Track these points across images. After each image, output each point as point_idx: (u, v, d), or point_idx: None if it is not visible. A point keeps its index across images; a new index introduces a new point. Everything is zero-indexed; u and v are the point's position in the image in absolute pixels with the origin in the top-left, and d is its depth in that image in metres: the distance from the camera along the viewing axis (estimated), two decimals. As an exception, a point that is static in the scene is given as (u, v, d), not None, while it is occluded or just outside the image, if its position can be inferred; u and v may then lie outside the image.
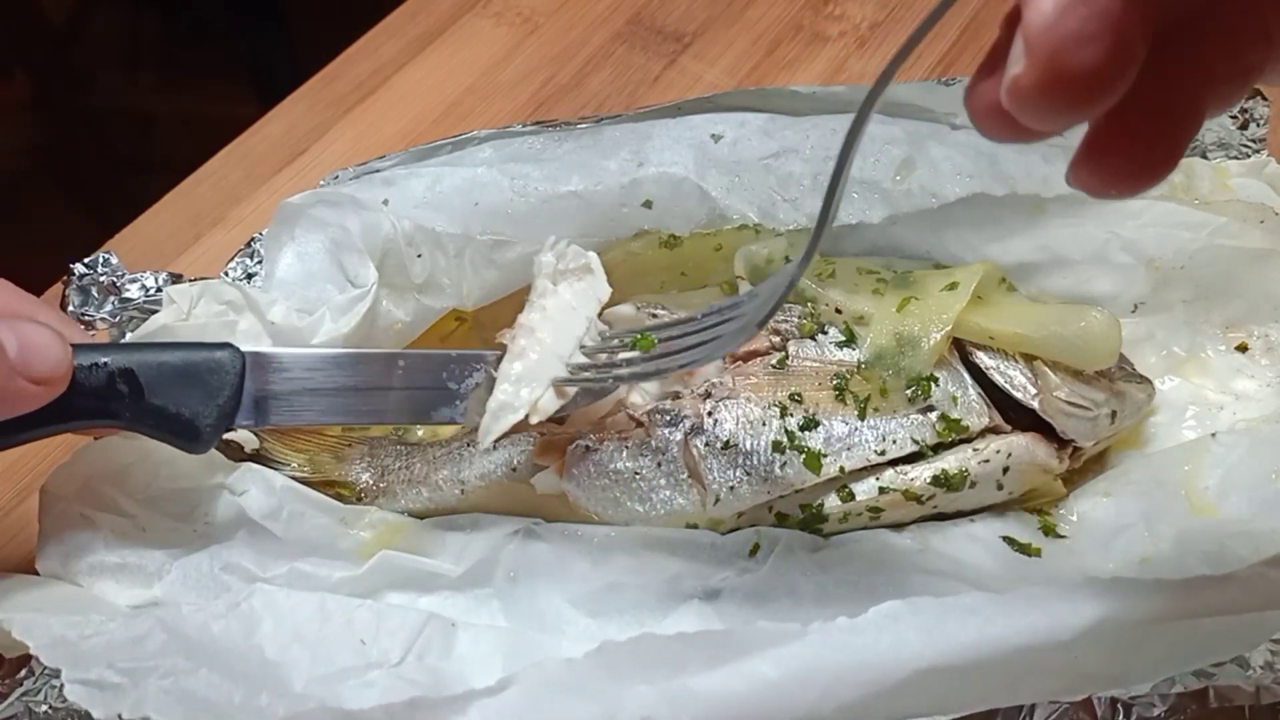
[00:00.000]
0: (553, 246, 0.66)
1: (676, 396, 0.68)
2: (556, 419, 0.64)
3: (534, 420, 0.61)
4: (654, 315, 0.70)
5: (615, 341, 0.64)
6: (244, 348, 0.61)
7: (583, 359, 0.63)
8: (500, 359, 0.63)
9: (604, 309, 0.71)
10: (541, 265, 0.66)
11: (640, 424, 0.67)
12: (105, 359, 0.58)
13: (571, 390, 0.62)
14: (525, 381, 0.62)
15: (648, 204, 0.71)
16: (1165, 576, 0.54)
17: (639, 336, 0.63)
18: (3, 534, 0.71)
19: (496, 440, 0.62)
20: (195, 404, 0.59)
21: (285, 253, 0.71)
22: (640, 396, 0.69)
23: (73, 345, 0.57)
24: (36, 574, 0.63)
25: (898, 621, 0.51)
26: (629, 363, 0.62)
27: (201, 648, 0.57)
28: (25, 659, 0.60)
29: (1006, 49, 0.36)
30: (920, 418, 0.65)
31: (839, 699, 0.50)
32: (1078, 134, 0.81)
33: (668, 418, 0.66)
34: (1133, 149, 0.40)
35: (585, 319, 0.64)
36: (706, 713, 0.50)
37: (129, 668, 0.56)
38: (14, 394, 0.54)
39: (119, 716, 0.56)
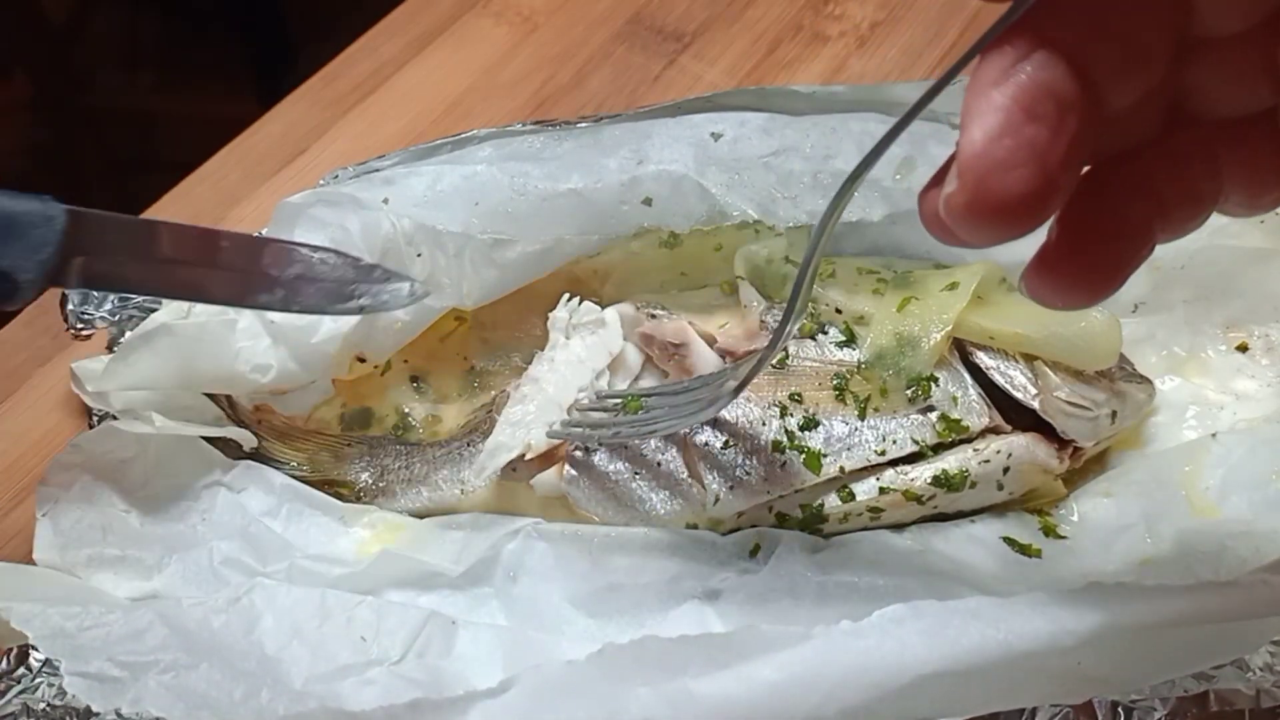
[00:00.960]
0: (566, 303, 0.71)
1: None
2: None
3: (528, 457, 0.66)
4: (653, 315, 0.70)
5: (608, 402, 0.67)
6: (63, 206, 0.58)
7: (576, 415, 0.67)
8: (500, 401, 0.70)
9: (604, 307, 0.72)
10: (555, 320, 0.71)
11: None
12: None
13: (566, 437, 0.66)
14: (522, 425, 0.67)
15: (648, 201, 0.71)
16: (1166, 579, 0.54)
17: (629, 399, 0.66)
18: (3, 533, 0.71)
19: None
20: (14, 257, 0.55)
21: (285, 252, 0.71)
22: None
23: None
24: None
25: (900, 625, 0.51)
26: (616, 423, 0.65)
27: (202, 642, 0.57)
28: (23, 656, 0.59)
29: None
30: (920, 418, 0.65)
31: (841, 703, 0.49)
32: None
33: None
34: (1078, 267, 0.42)
35: (591, 370, 0.68)
36: (707, 715, 0.50)
37: (129, 661, 0.56)
38: None
39: (118, 712, 0.56)
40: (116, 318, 0.76)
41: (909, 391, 0.65)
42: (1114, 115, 0.39)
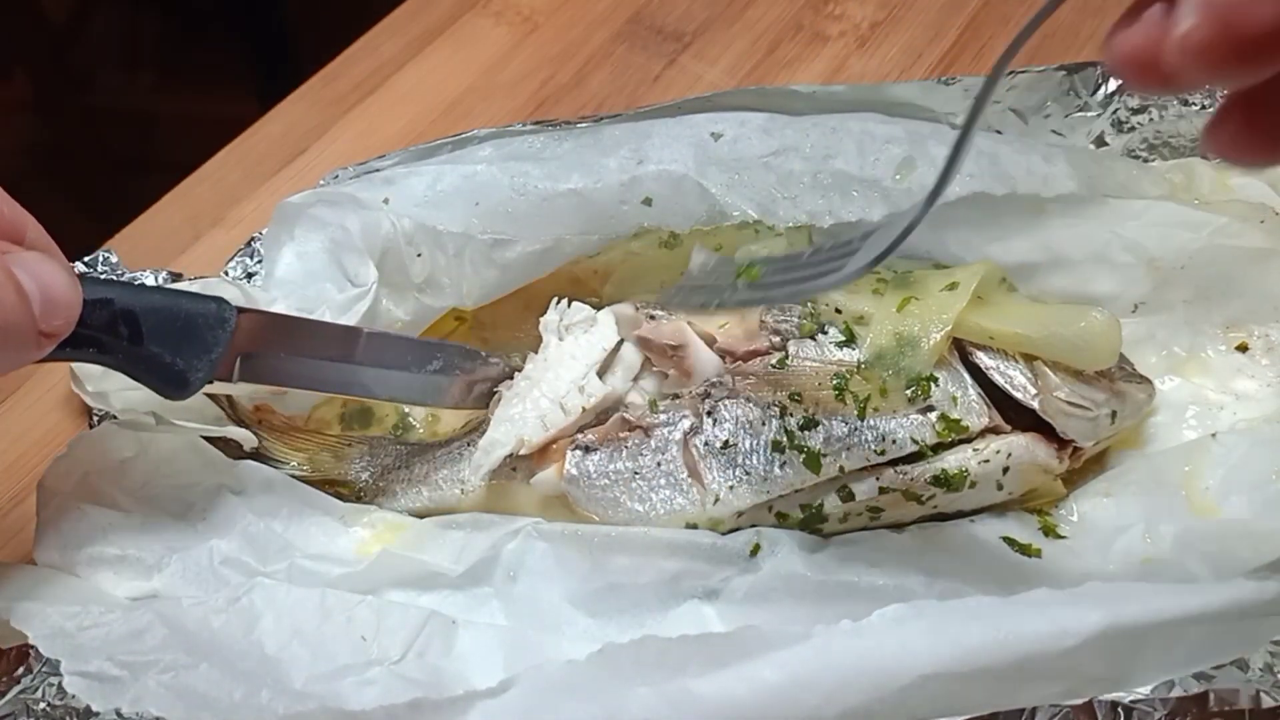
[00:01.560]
0: (556, 306, 0.71)
1: (675, 397, 0.68)
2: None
3: (523, 452, 0.67)
4: (651, 316, 0.70)
5: (719, 271, 0.64)
6: (235, 308, 0.61)
7: (596, 396, 0.67)
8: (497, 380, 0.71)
9: (603, 307, 0.71)
10: (546, 324, 0.71)
11: (639, 426, 0.67)
12: (110, 298, 0.57)
13: (558, 427, 0.67)
14: (516, 422, 0.67)
15: (648, 201, 0.71)
16: (1166, 579, 0.54)
17: (745, 267, 0.62)
18: (3, 533, 0.71)
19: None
20: (189, 356, 0.59)
21: (285, 252, 0.71)
22: (639, 397, 0.69)
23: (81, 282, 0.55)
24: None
25: (901, 625, 0.51)
26: (734, 289, 0.61)
27: (201, 642, 0.57)
28: (23, 656, 0.59)
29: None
30: (920, 418, 0.65)
31: (841, 703, 0.49)
32: (1080, 132, 0.81)
33: (667, 417, 0.66)
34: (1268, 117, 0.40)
35: (585, 365, 0.68)
36: (707, 715, 0.50)
37: (129, 661, 0.56)
38: (29, 344, 0.51)
39: (118, 712, 0.56)
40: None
41: (909, 391, 0.65)
42: None
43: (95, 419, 0.70)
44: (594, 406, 0.67)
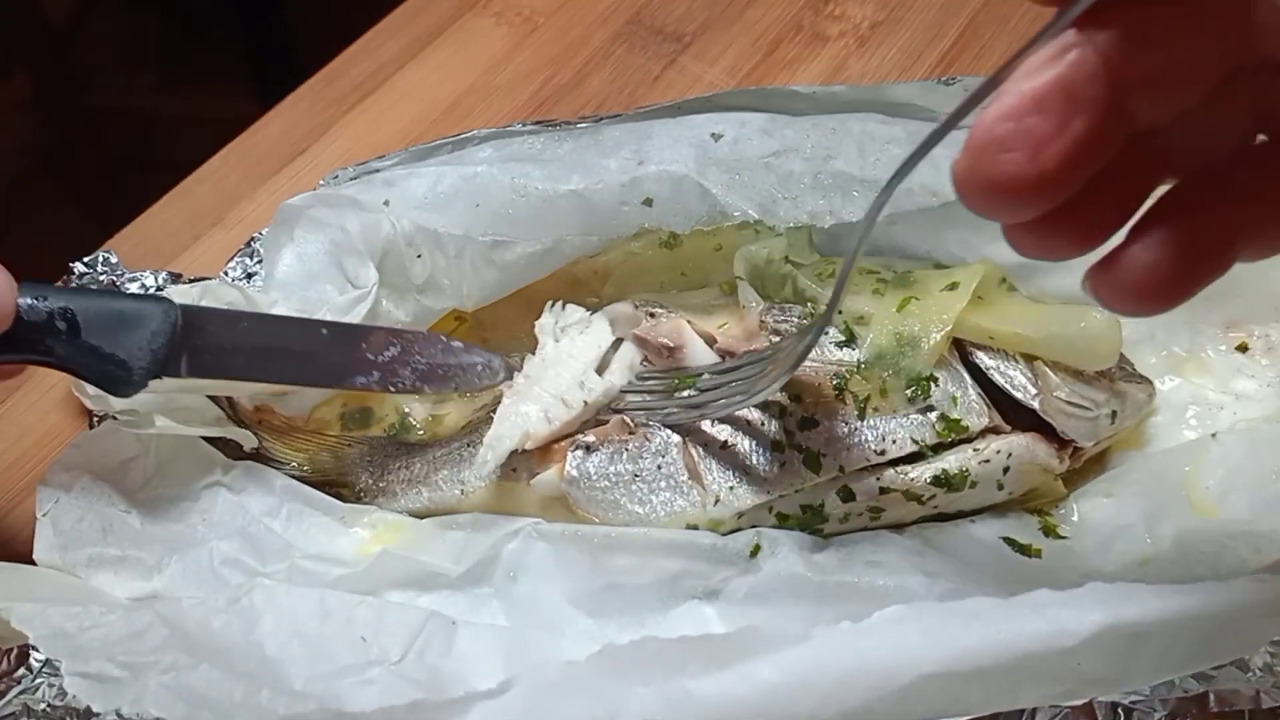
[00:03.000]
0: (550, 308, 0.71)
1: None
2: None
3: (528, 446, 0.67)
4: (651, 314, 0.70)
5: (654, 381, 0.68)
6: (180, 305, 0.62)
7: (597, 391, 0.68)
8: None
9: (602, 306, 0.71)
10: (542, 327, 0.71)
11: (639, 427, 0.67)
12: (46, 297, 0.59)
13: (562, 420, 0.67)
14: (520, 417, 0.67)
15: (648, 202, 0.71)
16: (1166, 579, 0.54)
17: (676, 379, 0.67)
18: (3, 533, 0.71)
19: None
20: (130, 348, 0.60)
21: (285, 254, 0.71)
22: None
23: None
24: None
25: (900, 625, 0.51)
26: (666, 404, 0.67)
27: (202, 643, 0.57)
28: (23, 657, 0.59)
29: None
30: (920, 418, 0.65)
31: (841, 703, 0.50)
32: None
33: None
34: (1145, 272, 0.42)
35: (583, 363, 0.69)
36: (707, 716, 0.50)
37: (129, 662, 0.56)
38: None
39: (118, 713, 0.56)
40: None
41: (908, 391, 0.65)
42: (1151, 127, 0.38)
43: (95, 419, 0.70)
44: (595, 401, 0.67)
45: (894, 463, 0.65)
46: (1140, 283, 0.42)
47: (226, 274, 0.77)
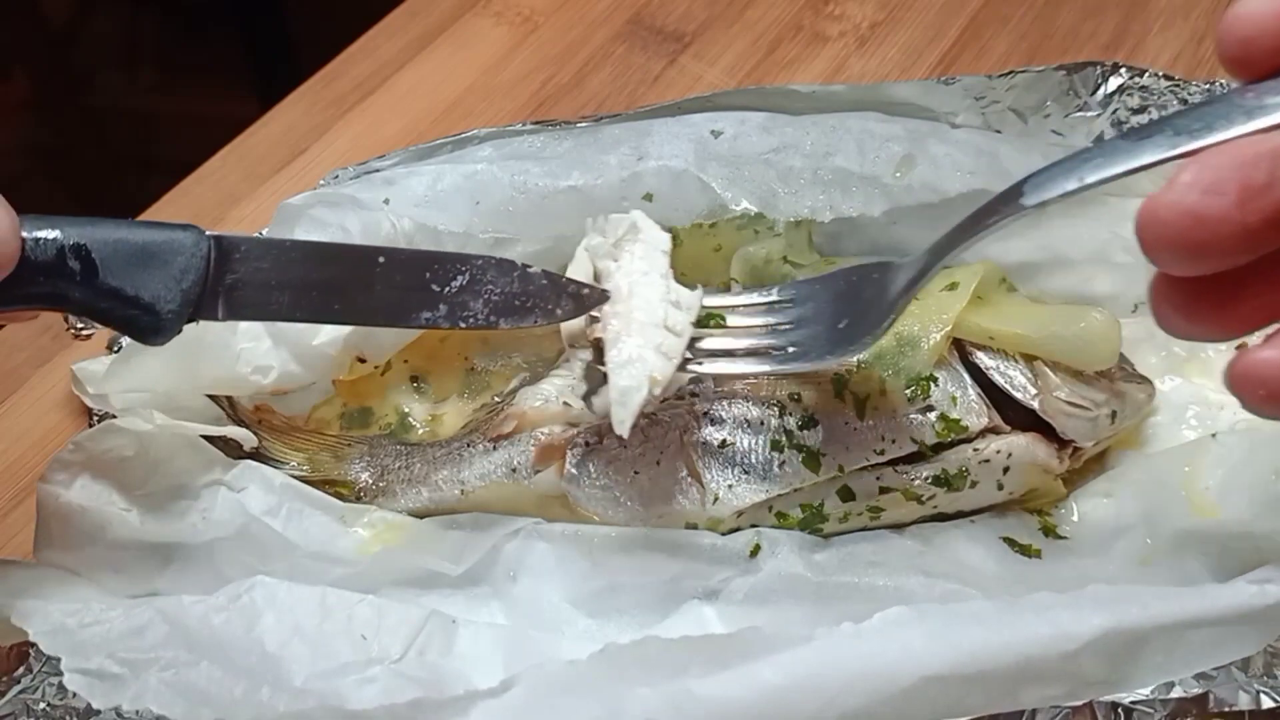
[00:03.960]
0: (593, 226, 0.65)
1: (679, 398, 0.68)
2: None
3: (658, 392, 0.59)
4: None
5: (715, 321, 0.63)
6: (210, 233, 0.54)
7: (692, 303, 0.61)
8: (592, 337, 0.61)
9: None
10: (594, 250, 0.64)
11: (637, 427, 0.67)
12: (55, 233, 0.51)
13: (678, 351, 0.60)
14: (634, 362, 0.59)
15: (648, 197, 0.71)
16: (1166, 579, 0.54)
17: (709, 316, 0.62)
18: (3, 532, 0.71)
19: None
20: (156, 288, 0.52)
21: (285, 253, 0.71)
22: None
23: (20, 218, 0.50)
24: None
25: (902, 627, 0.51)
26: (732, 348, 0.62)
27: (202, 640, 0.57)
28: (23, 656, 0.59)
29: None
30: (920, 417, 0.65)
31: (842, 705, 0.50)
32: (1080, 131, 0.81)
33: (664, 418, 0.66)
34: (1207, 305, 0.44)
35: (660, 277, 0.61)
36: (708, 716, 0.50)
37: (130, 659, 0.56)
38: None
39: (118, 711, 0.56)
40: (117, 317, 0.76)
41: (908, 391, 0.65)
42: None
43: (95, 419, 0.70)
44: (693, 316, 0.61)
45: (894, 462, 0.65)
46: (1200, 313, 0.44)
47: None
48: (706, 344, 0.62)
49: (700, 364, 0.61)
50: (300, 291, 0.56)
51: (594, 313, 0.61)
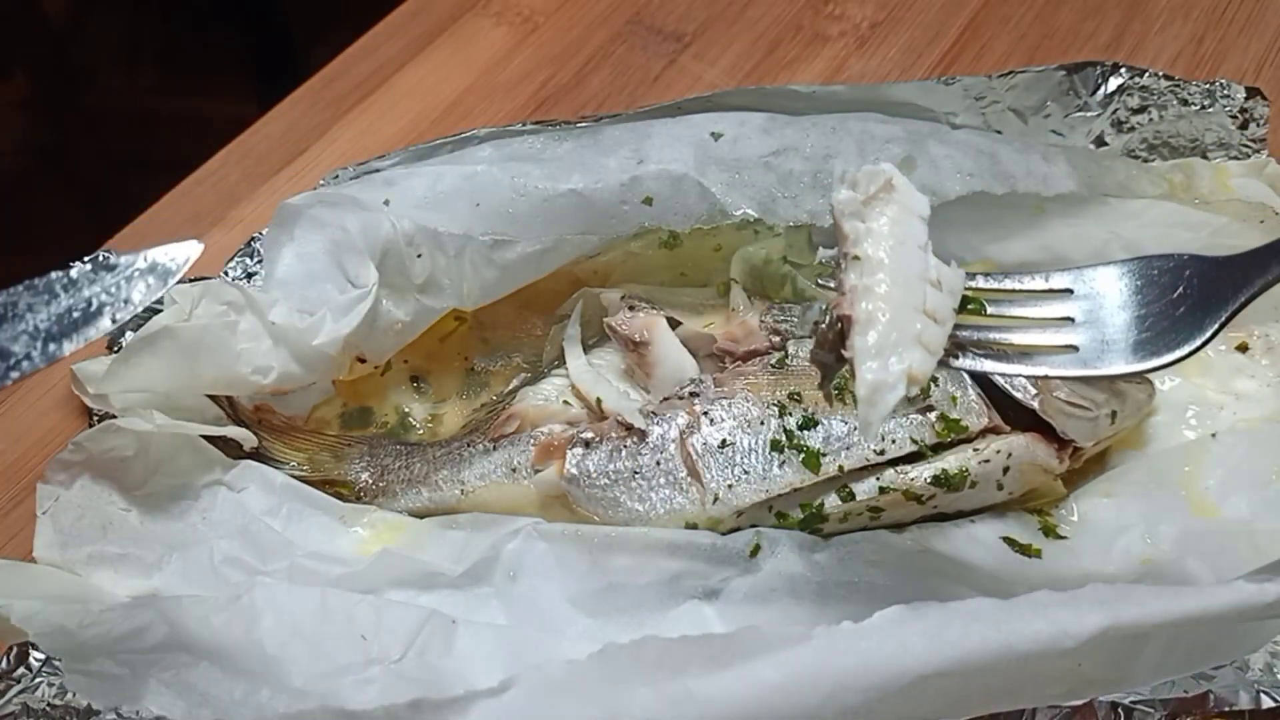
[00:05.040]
0: (843, 179, 0.53)
1: (680, 397, 0.68)
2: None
3: (914, 393, 0.50)
4: (631, 307, 0.70)
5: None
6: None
7: (943, 294, 0.51)
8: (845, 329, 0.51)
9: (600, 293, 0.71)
10: (842, 205, 0.52)
11: (632, 428, 0.67)
12: None
13: (938, 341, 0.50)
14: (888, 351, 0.50)
15: (648, 201, 0.71)
16: (1166, 579, 0.54)
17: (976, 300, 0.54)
18: (3, 532, 0.71)
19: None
20: None
21: (285, 253, 0.71)
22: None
23: None
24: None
25: (901, 626, 0.51)
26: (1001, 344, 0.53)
27: (202, 641, 0.57)
28: (23, 656, 0.59)
29: None
30: (920, 417, 0.65)
31: (842, 703, 0.49)
32: (1080, 131, 0.80)
33: (663, 417, 0.66)
34: None
35: (918, 249, 0.52)
36: (708, 716, 0.50)
37: (130, 659, 0.56)
38: None
39: (118, 711, 0.56)
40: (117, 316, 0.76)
41: (909, 391, 0.65)
42: None
43: (95, 419, 0.70)
44: (958, 300, 0.52)
45: (894, 462, 0.65)
46: None
47: (226, 274, 0.77)
48: (968, 334, 0.53)
49: (961, 359, 0.52)
50: None
51: (836, 281, 0.51)
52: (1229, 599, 0.51)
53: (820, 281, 0.55)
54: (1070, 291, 0.54)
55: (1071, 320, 0.54)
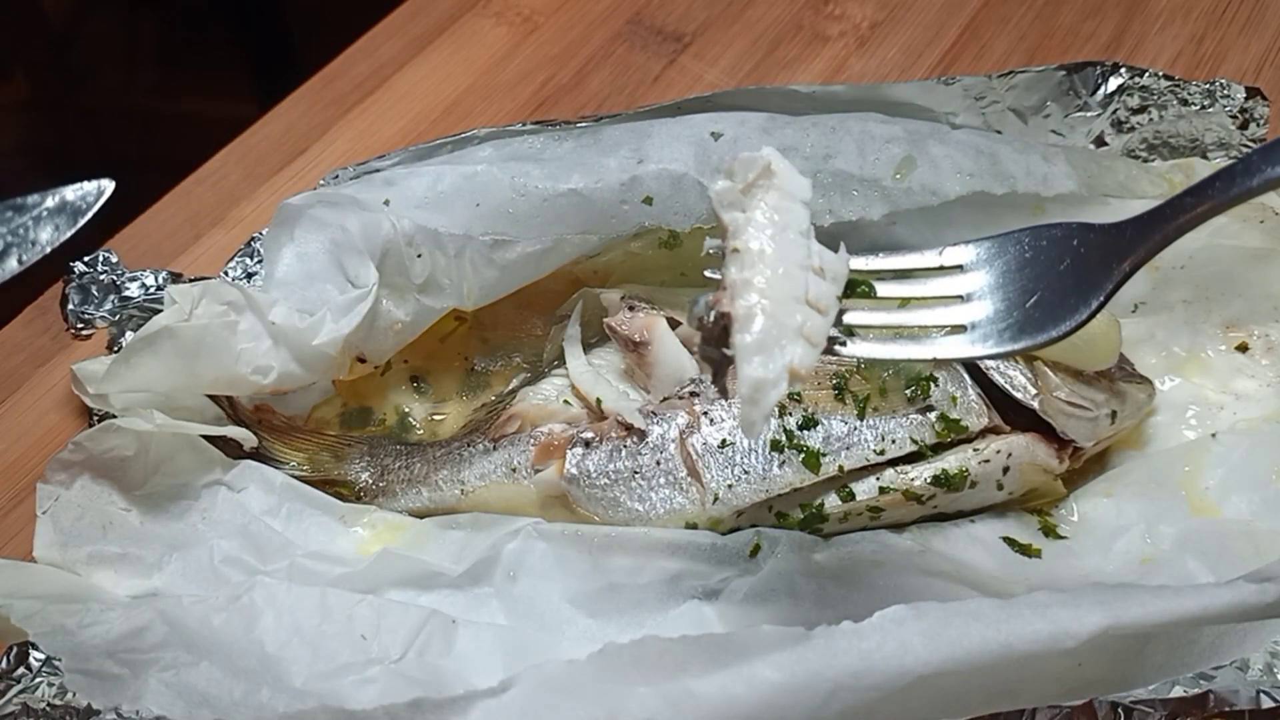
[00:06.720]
0: (720, 168, 0.53)
1: (680, 397, 0.68)
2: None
3: (797, 386, 0.51)
4: (631, 307, 0.70)
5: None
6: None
7: (826, 281, 0.50)
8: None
9: (600, 293, 0.71)
10: (720, 195, 0.51)
11: (632, 428, 0.67)
12: None
13: (822, 333, 0.50)
14: (770, 346, 0.48)
15: (648, 200, 0.71)
16: (1166, 579, 0.54)
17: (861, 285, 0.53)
18: (3, 532, 0.71)
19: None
20: None
21: (285, 253, 0.71)
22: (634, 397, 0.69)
23: None
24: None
25: (901, 626, 0.51)
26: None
27: (202, 641, 0.57)
28: (23, 656, 0.59)
29: None
30: (919, 417, 0.65)
31: (842, 703, 0.49)
32: (1080, 131, 0.81)
33: (662, 417, 0.66)
34: None
35: (799, 235, 0.50)
36: (708, 716, 0.50)
37: (130, 659, 0.56)
38: None
39: (118, 711, 0.56)
40: (117, 318, 0.76)
41: (908, 391, 0.65)
42: None
43: (95, 419, 0.70)
44: (840, 286, 0.51)
45: (894, 463, 0.65)
46: None
47: (227, 274, 0.77)
48: (854, 317, 0.52)
49: (846, 344, 0.52)
50: None
51: (720, 274, 0.50)
52: (1229, 599, 0.51)
53: (707, 273, 0.53)
54: (961, 267, 0.54)
55: (962, 298, 0.53)
